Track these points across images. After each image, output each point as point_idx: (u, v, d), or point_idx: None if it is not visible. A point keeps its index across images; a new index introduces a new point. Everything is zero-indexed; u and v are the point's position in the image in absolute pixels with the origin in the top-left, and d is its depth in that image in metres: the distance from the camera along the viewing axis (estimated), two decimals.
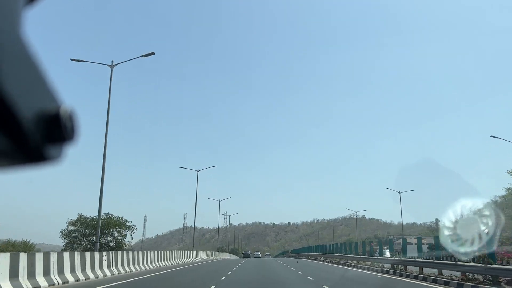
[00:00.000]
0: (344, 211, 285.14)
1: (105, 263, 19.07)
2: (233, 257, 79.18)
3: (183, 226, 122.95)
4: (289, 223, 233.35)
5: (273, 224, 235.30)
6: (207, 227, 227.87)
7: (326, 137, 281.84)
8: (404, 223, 67.46)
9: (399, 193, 54.40)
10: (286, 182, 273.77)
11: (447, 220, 18.55)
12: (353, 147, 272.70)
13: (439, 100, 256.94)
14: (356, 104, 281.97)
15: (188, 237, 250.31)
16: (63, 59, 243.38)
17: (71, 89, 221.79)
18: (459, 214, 18.84)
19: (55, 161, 0.75)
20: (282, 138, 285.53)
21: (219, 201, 75.10)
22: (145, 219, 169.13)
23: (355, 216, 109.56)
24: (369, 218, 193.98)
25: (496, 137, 29.82)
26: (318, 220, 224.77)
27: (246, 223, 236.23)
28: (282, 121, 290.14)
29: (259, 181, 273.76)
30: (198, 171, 50.27)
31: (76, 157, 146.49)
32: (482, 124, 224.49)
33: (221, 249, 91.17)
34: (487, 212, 17.62)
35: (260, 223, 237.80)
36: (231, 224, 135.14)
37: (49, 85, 0.75)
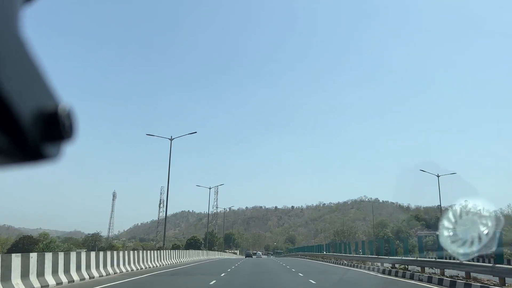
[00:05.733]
0: (354, 194, 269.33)
1: None
2: (226, 256, 64.45)
3: (159, 202, 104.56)
4: (292, 207, 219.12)
5: (275, 208, 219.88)
6: (205, 212, 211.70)
7: (331, 117, 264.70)
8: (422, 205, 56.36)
9: (438, 176, 51.26)
10: (288, 164, 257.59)
11: None
12: (360, 128, 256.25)
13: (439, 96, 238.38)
14: (361, 87, 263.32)
15: (184, 222, 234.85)
16: None
17: None
18: None
19: (53, 159, 0.73)
20: (282, 120, 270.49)
21: (210, 188, 67.07)
22: (114, 196, 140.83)
23: (367, 199, 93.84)
24: (383, 201, 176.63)
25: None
26: (324, 203, 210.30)
27: (246, 207, 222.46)
28: (280, 106, 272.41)
29: (259, 163, 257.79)
30: (171, 139, 39.69)
31: None
32: (482, 123, 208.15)
33: (211, 235, 74.94)
34: None
35: (261, 207, 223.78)
36: (230, 208, 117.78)
37: (47, 83, 0.73)
